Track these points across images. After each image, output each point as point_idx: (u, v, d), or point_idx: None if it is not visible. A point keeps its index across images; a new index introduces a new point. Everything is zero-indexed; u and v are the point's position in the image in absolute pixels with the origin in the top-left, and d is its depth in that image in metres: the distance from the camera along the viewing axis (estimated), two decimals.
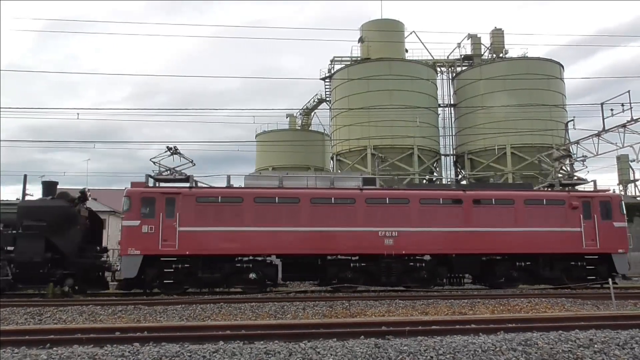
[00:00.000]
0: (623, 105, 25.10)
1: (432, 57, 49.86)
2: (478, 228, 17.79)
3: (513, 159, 42.36)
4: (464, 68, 49.17)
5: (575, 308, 12.65)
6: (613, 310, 11.92)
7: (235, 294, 16.70)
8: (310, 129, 56.01)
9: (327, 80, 50.33)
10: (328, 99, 51.25)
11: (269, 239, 16.84)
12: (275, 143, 49.15)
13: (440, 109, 48.67)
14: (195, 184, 17.81)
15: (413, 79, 44.34)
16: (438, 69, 49.86)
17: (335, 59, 49.19)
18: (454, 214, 17.84)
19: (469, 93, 46.04)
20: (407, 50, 48.82)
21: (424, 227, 17.57)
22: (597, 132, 26.75)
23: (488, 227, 17.84)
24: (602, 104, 26.02)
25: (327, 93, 51.34)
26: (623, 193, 45.82)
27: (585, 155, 27.75)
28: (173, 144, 18.61)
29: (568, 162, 29.77)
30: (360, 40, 48.16)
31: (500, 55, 48.40)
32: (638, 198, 47.13)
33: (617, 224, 18.59)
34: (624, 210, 18.97)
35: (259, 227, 16.84)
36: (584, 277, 17.99)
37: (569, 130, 37.63)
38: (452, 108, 49.39)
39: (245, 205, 16.96)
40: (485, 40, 50.22)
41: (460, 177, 48.88)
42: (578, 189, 21.05)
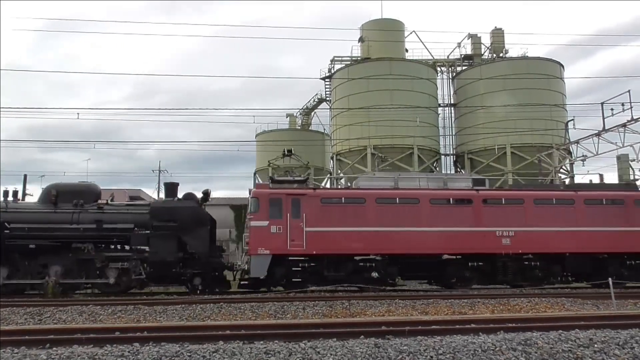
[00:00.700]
0: (623, 105, 25.16)
1: (432, 56, 49.84)
2: (590, 227, 18.29)
3: (513, 159, 42.33)
4: (464, 68, 49.15)
5: (575, 308, 12.64)
6: (613, 310, 11.92)
7: (235, 294, 16.71)
8: (310, 129, 56.02)
9: (327, 80, 50.32)
10: (328, 99, 51.25)
11: (391, 239, 17.39)
12: (275, 143, 49.14)
13: (441, 109, 48.66)
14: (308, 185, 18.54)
15: (413, 79, 44.34)
16: (438, 69, 49.85)
17: (335, 59, 49.19)
18: (567, 214, 18.39)
19: (469, 93, 46.03)
20: (407, 50, 48.81)
21: (539, 226, 18.14)
22: (597, 131, 26.79)
23: (600, 226, 18.38)
24: (602, 104, 26.07)
25: (327, 93, 51.34)
26: None
27: (585, 155, 27.80)
28: (287, 147, 19.38)
29: (567, 161, 29.78)
30: (361, 40, 48.15)
31: (501, 55, 48.38)
32: None
33: None
34: None
35: (381, 227, 17.40)
36: None
37: (569, 130, 37.71)
38: (452, 108, 49.38)
39: (368, 206, 17.57)
40: (486, 40, 50.22)
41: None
42: None
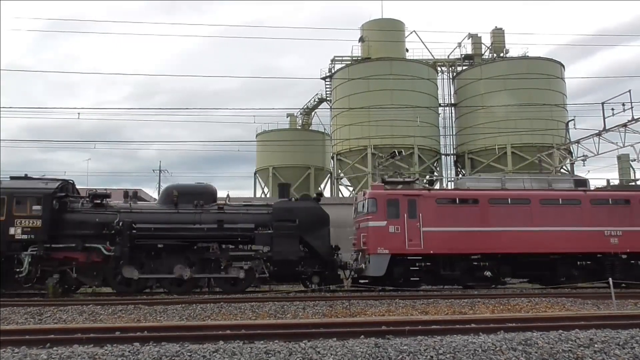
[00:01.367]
0: (624, 105, 25.09)
1: (432, 56, 49.85)
2: None
3: (513, 159, 42.34)
4: (465, 67, 49.15)
5: (576, 308, 12.64)
6: (613, 310, 11.92)
7: (235, 294, 16.71)
8: (311, 129, 56.03)
9: (327, 80, 50.33)
10: (328, 99, 51.26)
11: (503, 238, 17.87)
12: (276, 143, 49.16)
13: (441, 109, 48.68)
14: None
15: (413, 79, 44.34)
16: (438, 69, 49.86)
17: (336, 59, 49.20)
18: None
19: (470, 92, 46.03)
20: (407, 50, 48.82)
21: None
22: (597, 131, 26.74)
23: None
24: (602, 104, 26.01)
25: (327, 93, 51.35)
26: None
27: (586, 155, 27.76)
28: (396, 149, 20.24)
29: (568, 161, 29.78)
30: (361, 40, 48.15)
31: (501, 55, 48.38)
32: None
33: None
34: None
35: (494, 227, 17.93)
36: None
37: (570, 130, 37.69)
38: (452, 107, 49.39)
39: (481, 206, 18.15)
40: (486, 40, 50.24)
41: (461, 176, 48.91)
42: None
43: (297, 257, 17.02)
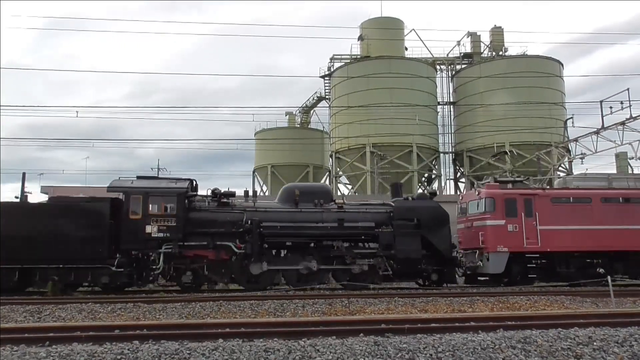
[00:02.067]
0: (622, 103, 25.15)
1: (431, 55, 49.86)
2: None
3: (512, 157, 42.37)
4: (464, 66, 49.17)
5: (575, 306, 12.65)
6: (612, 308, 11.93)
7: (234, 292, 16.71)
8: (310, 127, 56.02)
9: (326, 78, 50.32)
10: (327, 97, 51.25)
11: (616, 236, 18.38)
12: (274, 141, 49.15)
13: (440, 107, 48.72)
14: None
15: (413, 77, 44.33)
16: (438, 67, 49.87)
17: (335, 57, 49.19)
18: None
19: (469, 91, 46.04)
20: (406, 48, 48.84)
21: None
22: (596, 129, 26.79)
23: None
24: (601, 102, 26.07)
25: (326, 91, 51.34)
26: None
27: (584, 153, 27.81)
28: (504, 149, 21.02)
29: (566, 159, 29.86)
30: (360, 38, 48.15)
31: (500, 53, 48.39)
32: None
33: None
34: None
35: (606, 225, 18.51)
36: None
37: (568, 128, 37.70)
38: (451, 106, 49.41)
39: (594, 205, 18.75)
40: (485, 38, 50.25)
41: (459, 175, 48.94)
42: None
43: (419, 255, 17.43)
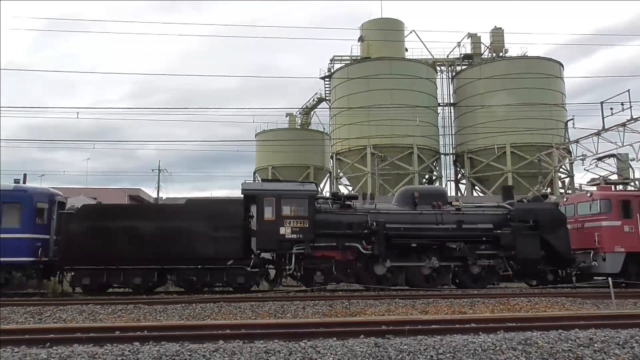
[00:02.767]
0: (623, 104, 25.14)
1: (432, 56, 49.92)
2: None
3: (513, 158, 42.37)
4: (464, 67, 49.21)
5: (575, 307, 12.63)
6: (613, 310, 11.92)
7: (235, 293, 16.69)
8: (310, 128, 56.04)
9: (326, 80, 50.36)
10: (328, 98, 51.29)
11: None
12: (275, 142, 49.17)
13: (440, 108, 48.77)
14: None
15: (413, 78, 44.38)
16: (438, 68, 49.93)
17: (335, 58, 49.25)
18: None
19: (469, 92, 46.08)
20: (407, 50, 48.90)
21: None
22: (596, 131, 26.77)
23: None
24: (601, 103, 26.06)
25: (326, 92, 51.38)
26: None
27: (585, 154, 27.78)
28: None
29: (567, 161, 29.85)
30: (360, 39, 48.19)
31: (500, 54, 48.44)
32: None
33: None
34: None
35: None
36: None
37: (569, 129, 37.71)
38: (451, 107, 49.45)
39: None
40: (485, 39, 50.32)
41: (460, 176, 48.94)
42: None
43: (539, 255, 17.81)
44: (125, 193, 34.72)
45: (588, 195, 19.37)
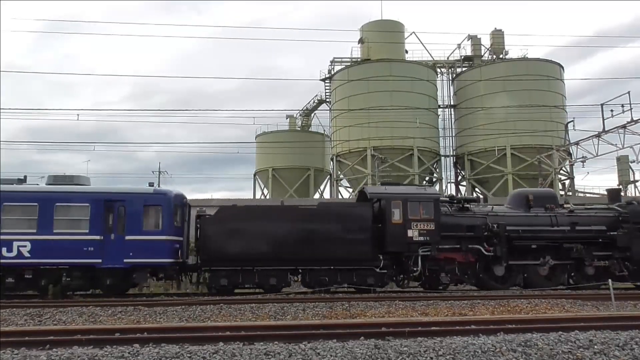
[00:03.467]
0: (623, 106, 25.17)
1: (432, 58, 49.94)
2: None
3: (513, 160, 42.37)
4: (464, 69, 49.23)
5: (575, 309, 12.63)
6: (613, 311, 11.91)
7: (235, 295, 16.68)
8: (310, 130, 56.04)
9: (327, 81, 50.38)
10: (328, 100, 51.31)
11: None
12: (275, 144, 49.18)
13: (440, 110, 48.76)
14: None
15: (413, 80, 44.41)
16: (438, 70, 49.94)
17: (335, 60, 49.27)
18: None
19: (469, 94, 46.09)
20: (407, 51, 48.92)
21: None
22: (597, 133, 26.80)
23: None
24: (602, 105, 26.09)
25: (327, 94, 51.40)
26: (623, 194, 45.57)
27: (585, 156, 27.82)
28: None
29: (567, 163, 29.86)
30: (360, 41, 48.22)
31: (500, 56, 48.47)
32: None
33: None
34: None
35: None
36: None
37: (569, 131, 37.77)
38: (452, 109, 49.46)
39: None
40: (485, 41, 50.33)
41: (460, 178, 48.94)
42: None
43: None
44: None
45: None
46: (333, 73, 48.79)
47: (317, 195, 52.54)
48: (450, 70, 50.40)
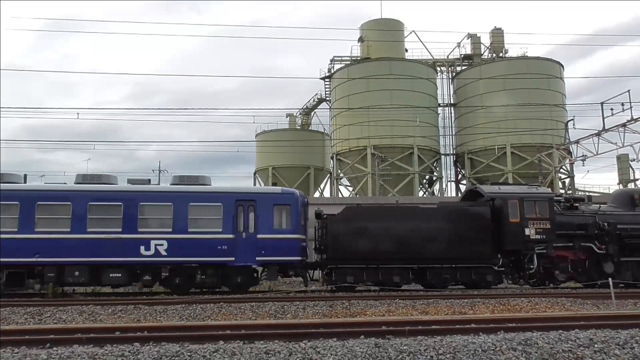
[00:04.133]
0: (623, 105, 25.15)
1: (432, 56, 49.89)
2: None
3: (513, 159, 42.36)
4: (464, 67, 49.19)
5: (575, 307, 12.63)
6: (613, 310, 11.92)
7: (235, 294, 16.70)
8: (310, 129, 56.01)
9: (327, 80, 50.33)
10: (328, 99, 51.26)
11: None
12: (275, 143, 49.16)
13: (440, 109, 48.73)
14: None
15: (413, 79, 44.37)
16: (438, 69, 49.90)
17: (335, 59, 49.21)
18: None
19: (469, 92, 46.05)
20: (406, 50, 48.88)
21: None
22: (597, 131, 26.79)
23: None
24: (602, 104, 26.07)
25: (327, 93, 51.36)
26: None
27: (585, 155, 27.81)
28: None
29: (567, 161, 29.82)
30: (360, 40, 48.17)
31: (500, 55, 48.42)
32: None
33: None
34: None
35: None
36: None
37: (569, 130, 37.71)
38: (452, 107, 49.43)
39: None
40: (485, 40, 50.30)
41: (460, 176, 48.93)
42: None
43: None
44: None
45: None
46: (333, 72, 48.74)
47: (317, 194, 52.52)
48: (450, 69, 50.37)
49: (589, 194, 21.09)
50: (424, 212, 18.03)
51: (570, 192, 41.85)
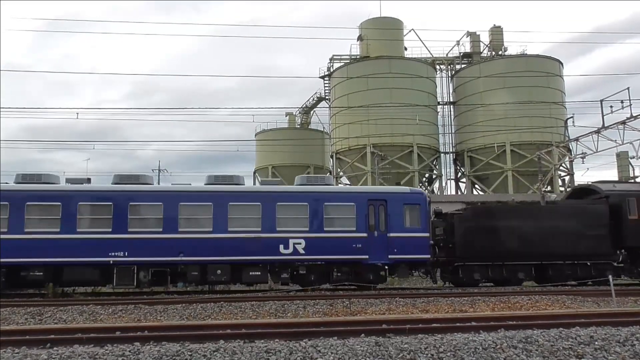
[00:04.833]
0: (622, 102, 25.07)
1: (431, 55, 49.84)
2: None
3: (512, 157, 42.34)
4: (463, 66, 49.15)
5: (576, 305, 12.64)
6: (613, 307, 11.92)
7: (235, 293, 16.71)
8: (310, 128, 55.98)
9: (326, 79, 50.29)
10: (327, 98, 51.23)
11: None
12: (275, 142, 49.13)
13: (440, 107, 48.70)
14: None
15: (412, 77, 44.31)
16: (437, 67, 49.85)
17: (335, 57, 49.15)
18: None
19: (469, 91, 46.01)
20: (406, 48, 48.83)
21: None
22: (596, 129, 26.73)
23: None
24: (601, 101, 25.99)
25: (326, 91, 51.31)
26: None
27: (585, 152, 27.75)
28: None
29: (567, 159, 29.77)
30: (360, 39, 48.11)
31: (500, 53, 48.37)
32: None
33: None
34: None
35: None
36: None
37: (569, 128, 37.67)
38: (451, 106, 49.40)
39: None
40: (484, 38, 50.24)
41: (460, 175, 48.91)
42: None
43: None
44: None
45: None
46: (332, 70, 48.70)
47: None
48: (450, 67, 50.31)
49: None
50: (546, 210, 18.72)
51: (571, 190, 41.84)
